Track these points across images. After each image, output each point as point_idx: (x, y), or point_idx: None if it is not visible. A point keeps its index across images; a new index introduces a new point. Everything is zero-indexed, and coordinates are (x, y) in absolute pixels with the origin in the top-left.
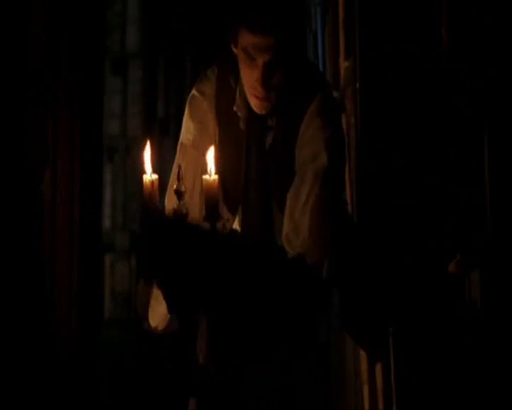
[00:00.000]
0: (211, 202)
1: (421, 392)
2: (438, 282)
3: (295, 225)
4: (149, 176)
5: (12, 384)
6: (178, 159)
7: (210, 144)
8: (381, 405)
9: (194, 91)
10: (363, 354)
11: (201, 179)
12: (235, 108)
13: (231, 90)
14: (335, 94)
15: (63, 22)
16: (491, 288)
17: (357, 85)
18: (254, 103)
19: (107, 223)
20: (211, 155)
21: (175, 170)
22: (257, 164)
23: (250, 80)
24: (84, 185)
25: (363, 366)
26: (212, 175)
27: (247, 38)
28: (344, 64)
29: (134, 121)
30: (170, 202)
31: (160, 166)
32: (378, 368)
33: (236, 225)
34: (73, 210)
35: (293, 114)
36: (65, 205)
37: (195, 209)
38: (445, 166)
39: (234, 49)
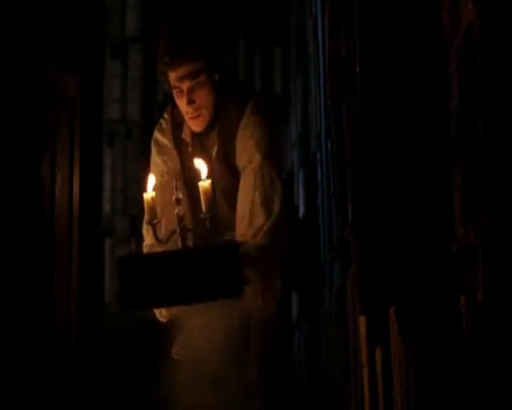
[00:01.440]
0: (207, 201)
1: (423, 376)
2: (440, 267)
3: (250, 220)
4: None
5: (11, 373)
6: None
7: (175, 171)
8: (380, 389)
9: (155, 133)
10: (363, 336)
11: (170, 202)
12: (183, 136)
13: (180, 123)
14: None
15: (63, 6)
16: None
17: (357, 70)
18: (191, 124)
19: (107, 207)
20: (203, 167)
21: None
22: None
23: (183, 107)
24: (84, 170)
25: (363, 348)
26: (205, 181)
27: (170, 76)
28: (344, 48)
29: (134, 106)
30: (148, 233)
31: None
32: (378, 351)
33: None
34: (73, 194)
35: (230, 125)
36: (65, 190)
37: (165, 226)
38: (446, 149)
39: (169, 90)
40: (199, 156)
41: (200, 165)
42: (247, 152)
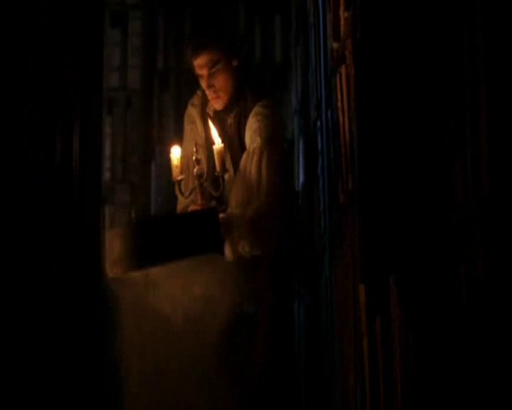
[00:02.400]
0: (221, 161)
1: (422, 345)
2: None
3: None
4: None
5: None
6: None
7: (199, 138)
8: (380, 357)
9: (188, 105)
10: (362, 305)
11: (192, 162)
12: (207, 110)
13: (208, 100)
14: (335, 45)
15: None
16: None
17: (358, 36)
18: (212, 103)
19: (106, 175)
20: (216, 137)
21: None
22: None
23: (205, 89)
24: (84, 138)
25: (363, 317)
26: (219, 145)
27: (194, 64)
28: (344, 15)
29: (134, 74)
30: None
31: (160, 119)
32: (378, 321)
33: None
34: (73, 163)
35: (245, 111)
36: (64, 158)
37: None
38: (447, 118)
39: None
40: (217, 129)
41: (216, 133)
42: (252, 134)
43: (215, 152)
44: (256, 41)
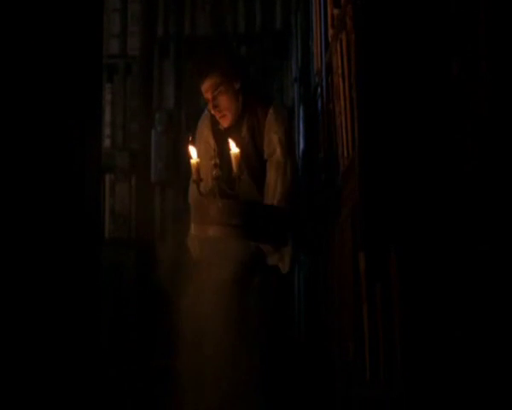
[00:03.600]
0: (237, 164)
1: (423, 315)
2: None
3: (269, 196)
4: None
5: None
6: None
7: (209, 148)
8: (380, 325)
9: (199, 123)
10: (362, 272)
11: (212, 158)
12: (219, 127)
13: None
14: (336, 11)
15: None
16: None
17: (358, 2)
18: (220, 121)
19: (106, 143)
20: (232, 145)
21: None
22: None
23: (211, 109)
24: (84, 105)
25: (362, 284)
26: (234, 150)
27: (201, 88)
28: None
29: (134, 41)
30: (192, 189)
31: (160, 86)
32: (378, 288)
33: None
34: (73, 130)
35: (256, 120)
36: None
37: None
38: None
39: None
40: (232, 139)
41: (231, 141)
42: (272, 144)
43: (232, 156)
44: (256, 7)
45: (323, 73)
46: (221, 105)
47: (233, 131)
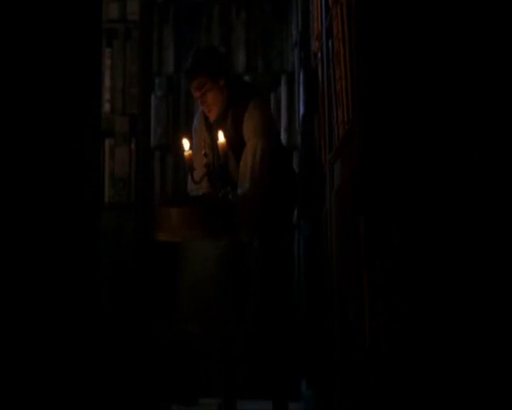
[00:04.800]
0: (223, 152)
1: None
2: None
3: (244, 176)
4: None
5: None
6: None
7: (205, 140)
8: (380, 291)
9: (195, 119)
10: (362, 237)
11: (202, 149)
12: (210, 120)
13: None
14: None
15: None
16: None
17: None
18: (207, 115)
19: (106, 107)
20: (220, 133)
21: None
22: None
23: (200, 105)
24: (84, 70)
25: (363, 250)
26: (221, 140)
27: (191, 87)
28: None
29: (133, 5)
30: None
31: (160, 51)
32: (378, 252)
33: None
34: (72, 95)
35: (238, 114)
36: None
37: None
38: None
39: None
40: (220, 130)
41: (220, 132)
42: (248, 131)
43: (219, 145)
44: None
45: (324, 38)
46: (208, 101)
47: (220, 123)
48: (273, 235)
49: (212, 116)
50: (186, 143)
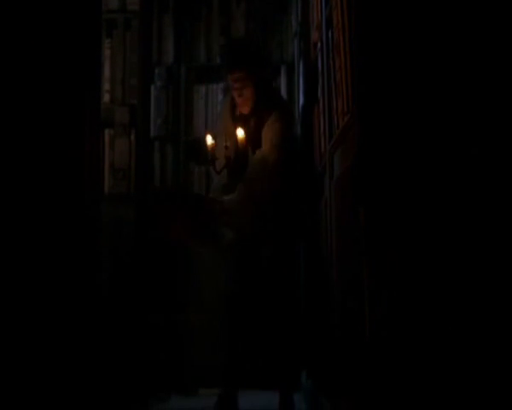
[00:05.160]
0: (241, 146)
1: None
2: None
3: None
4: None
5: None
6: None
7: (228, 131)
8: (380, 281)
9: (222, 106)
10: (362, 225)
11: (225, 140)
12: (236, 114)
13: (235, 105)
14: None
15: None
16: None
17: None
18: (240, 107)
19: (106, 98)
20: (240, 132)
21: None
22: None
23: (235, 96)
24: (83, 61)
25: (362, 238)
26: (241, 134)
27: (228, 76)
28: None
29: None
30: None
31: (160, 41)
32: (377, 241)
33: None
34: (72, 85)
35: (261, 119)
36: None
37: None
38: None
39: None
40: (242, 126)
41: (239, 129)
42: (266, 139)
43: (238, 141)
44: None
45: (323, 28)
46: (245, 95)
47: (245, 120)
48: (285, 240)
49: (246, 110)
50: (209, 137)
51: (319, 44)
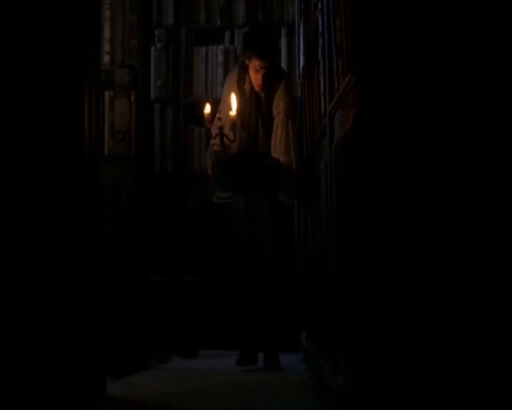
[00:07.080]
0: (233, 124)
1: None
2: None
3: (280, 146)
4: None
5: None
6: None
7: (228, 101)
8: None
9: (230, 76)
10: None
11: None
12: (245, 87)
13: (244, 77)
14: None
15: None
16: None
17: None
18: (256, 88)
19: (106, 59)
20: (234, 102)
21: (231, 118)
22: (255, 110)
23: (255, 78)
24: (83, 21)
25: (363, 205)
26: (234, 111)
27: (255, 60)
28: None
29: None
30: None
31: (159, 3)
32: (378, 209)
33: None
34: (72, 46)
35: (272, 90)
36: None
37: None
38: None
39: (247, 62)
40: (252, 100)
41: (235, 103)
42: (280, 107)
43: (230, 117)
44: None
45: None
46: (266, 79)
47: (256, 93)
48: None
49: (259, 89)
50: (207, 107)
51: (319, 5)
